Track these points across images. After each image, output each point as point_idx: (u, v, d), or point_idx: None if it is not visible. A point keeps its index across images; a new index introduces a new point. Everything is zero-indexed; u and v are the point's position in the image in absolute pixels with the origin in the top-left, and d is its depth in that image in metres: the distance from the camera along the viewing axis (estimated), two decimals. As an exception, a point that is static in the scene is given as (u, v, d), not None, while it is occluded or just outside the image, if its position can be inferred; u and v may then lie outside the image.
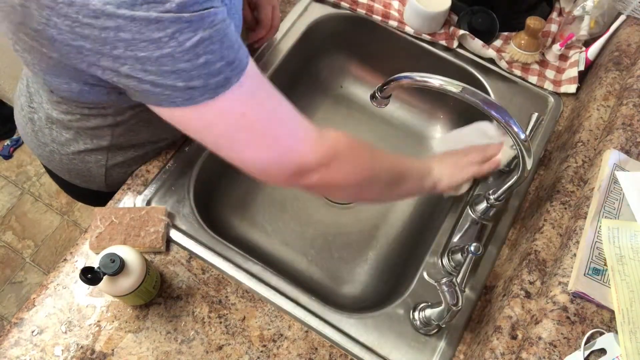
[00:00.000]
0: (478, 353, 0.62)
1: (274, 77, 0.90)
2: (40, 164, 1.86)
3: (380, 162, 0.63)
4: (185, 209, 0.75)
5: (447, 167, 0.73)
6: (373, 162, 0.61)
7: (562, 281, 0.58)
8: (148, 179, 0.77)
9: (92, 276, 0.57)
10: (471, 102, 0.57)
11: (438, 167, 0.72)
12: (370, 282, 0.87)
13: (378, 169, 0.61)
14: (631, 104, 0.73)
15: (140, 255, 0.62)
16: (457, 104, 1.00)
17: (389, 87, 0.63)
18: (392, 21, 0.95)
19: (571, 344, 0.54)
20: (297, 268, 0.87)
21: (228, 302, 0.69)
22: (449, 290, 0.58)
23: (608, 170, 0.65)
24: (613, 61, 0.84)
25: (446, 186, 0.72)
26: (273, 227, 0.90)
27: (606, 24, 0.91)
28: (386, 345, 0.67)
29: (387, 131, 1.02)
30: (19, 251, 1.74)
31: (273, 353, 0.66)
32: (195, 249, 0.72)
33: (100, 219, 0.71)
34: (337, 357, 0.67)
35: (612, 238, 0.59)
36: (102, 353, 0.65)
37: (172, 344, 0.66)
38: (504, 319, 0.61)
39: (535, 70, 0.92)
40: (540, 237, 0.66)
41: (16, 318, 0.66)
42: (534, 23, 0.86)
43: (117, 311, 0.68)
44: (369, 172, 0.60)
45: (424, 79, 0.58)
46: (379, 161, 0.62)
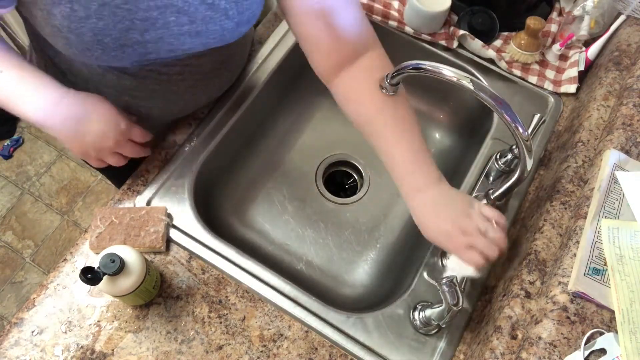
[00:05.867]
0: (478, 353, 0.62)
1: (274, 78, 0.90)
2: (41, 164, 1.87)
3: None
4: (185, 209, 0.75)
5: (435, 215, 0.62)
6: None
7: (562, 281, 0.58)
8: (148, 179, 0.77)
9: (92, 276, 0.57)
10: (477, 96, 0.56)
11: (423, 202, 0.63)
12: (370, 282, 0.87)
13: None
14: (631, 104, 0.73)
15: (140, 255, 0.62)
16: (458, 105, 1.00)
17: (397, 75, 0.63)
18: (392, 21, 0.95)
19: (571, 344, 0.54)
20: (297, 268, 0.87)
21: (228, 302, 0.69)
22: (450, 290, 0.58)
23: (608, 170, 0.65)
24: (613, 61, 0.84)
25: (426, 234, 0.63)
26: (273, 227, 0.90)
27: (606, 24, 0.91)
28: (386, 345, 0.67)
29: (387, 131, 1.02)
30: (19, 251, 1.74)
31: (273, 353, 0.66)
32: (195, 249, 0.72)
33: (100, 219, 0.71)
34: (337, 357, 0.67)
35: (612, 238, 0.59)
36: (102, 353, 0.65)
37: (172, 344, 0.66)
38: (504, 319, 0.61)
39: (535, 70, 0.92)
40: (540, 237, 0.66)
41: (16, 318, 0.66)
42: (534, 23, 0.86)
43: (117, 311, 0.68)
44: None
45: (434, 67, 0.58)
46: None
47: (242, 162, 0.94)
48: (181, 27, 0.58)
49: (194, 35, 0.60)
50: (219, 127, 0.83)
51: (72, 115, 0.63)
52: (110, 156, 0.70)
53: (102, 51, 0.57)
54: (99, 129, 0.66)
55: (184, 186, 0.77)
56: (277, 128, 0.99)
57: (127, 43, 0.57)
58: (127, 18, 0.54)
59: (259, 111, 0.92)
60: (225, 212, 0.90)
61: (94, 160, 0.70)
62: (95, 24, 0.53)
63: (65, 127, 0.64)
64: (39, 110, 0.61)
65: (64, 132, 0.64)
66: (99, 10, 0.52)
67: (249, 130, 0.93)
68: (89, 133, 0.65)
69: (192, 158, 0.80)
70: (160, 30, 0.57)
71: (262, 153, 0.96)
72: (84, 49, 0.56)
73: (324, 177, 0.96)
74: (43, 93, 0.61)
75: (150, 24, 0.56)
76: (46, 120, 0.62)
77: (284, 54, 0.92)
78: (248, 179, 0.94)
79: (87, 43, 0.55)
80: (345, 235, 0.90)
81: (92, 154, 0.68)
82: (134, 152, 0.72)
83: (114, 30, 0.55)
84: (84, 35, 0.54)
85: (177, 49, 0.61)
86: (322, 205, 0.93)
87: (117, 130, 0.67)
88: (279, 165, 0.96)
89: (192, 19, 0.57)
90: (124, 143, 0.69)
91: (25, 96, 0.61)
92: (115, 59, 0.59)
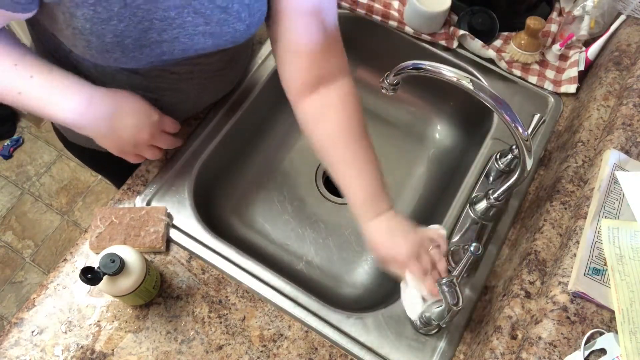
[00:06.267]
0: (478, 353, 0.62)
1: (273, 77, 0.90)
2: (41, 164, 1.87)
3: None
4: (185, 209, 0.75)
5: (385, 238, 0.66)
6: None
7: (562, 281, 0.58)
8: (148, 179, 0.77)
9: (92, 276, 0.57)
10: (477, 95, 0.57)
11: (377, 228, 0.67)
12: (370, 282, 0.87)
13: None
14: (631, 104, 0.73)
15: (140, 255, 0.62)
16: (458, 105, 1.00)
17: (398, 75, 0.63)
18: (392, 21, 0.95)
19: (571, 344, 0.54)
20: (297, 268, 0.87)
21: (228, 302, 0.69)
22: (450, 290, 0.58)
23: (608, 170, 0.65)
24: (613, 61, 0.84)
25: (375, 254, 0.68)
26: (273, 227, 0.90)
27: (606, 24, 0.91)
28: (386, 345, 0.67)
29: (387, 131, 1.02)
30: (19, 251, 1.74)
31: (273, 353, 0.66)
32: (195, 249, 0.72)
33: (100, 219, 0.71)
34: (337, 357, 0.67)
35: (612, 238, 0.59)
36: (102, 353, 0.65)
37: (172, 344, 0.66)
38: (504, 319, 0.61)
39: (535, 70, 0.92)
40: (540, 237, 0.66)
41: (16, 318, 0.66)
42: (534, 23, 0.86)
43: (117, 311, 0.68)
44: None
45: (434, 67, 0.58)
46: None
47: (242, 162, 0.94)
48: (196, 28, 0.59)
49: (208, 36, 0.61)
50: (219, 127, 0.83)
51: (105, 113, 0.64)
52: (147, 149, 0.70)
53: (122, 53, 0.57)
54: (133, 122, 0.66)
55: (184, 186, 0.77)
56: (277, 128, 0.99)
57: (145, 44, 0.58)
58: (147, 18, 0.55)
59: (259, 111, 0.92)
60: (225, 212, 0.90)
61: (131, 156, 0.70)
62: (116, 25, 0.54)
63: (100, 125, 0.64)
64: (71, 111, 0.61)
65: (99, 131, 0.65)
66: (120, 12, 0.53)
67: (249, 130, 0.93)
68: (124, 128, 0.65)
69: (192, 158, 0.80)
70: (176, 30, 0.58)
71: (262, 153, 0.96)
72: (103, 51, 0.57)
73: (324, 177, 0.96)
74: (73, 94, 0.62)
75: (168, 24, 0.57)
76: (80, 121, 0.63)
77: (284, 54, 0.92)
78: (248, 179, 0.94)
79: (108, 45, 0.56)
80: (345, 235, 0.90)
81: (130, 150, 0.68)
82: (169, 143, 0.72)
83: (134, 31, 0.55)
84: (105, 36, 0.55)
85: (189, 48, 0.61)
86: (322, 205, 0.93)
87: (150, 122, 0.67)
88: (279, 165, 0.96)
89: (208, 21, 0.59)
90: (158, 135, 0.70)
91: (57, 99, 0.61)
92: (133, 60, 0.60)
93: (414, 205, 0.94)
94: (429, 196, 0.94)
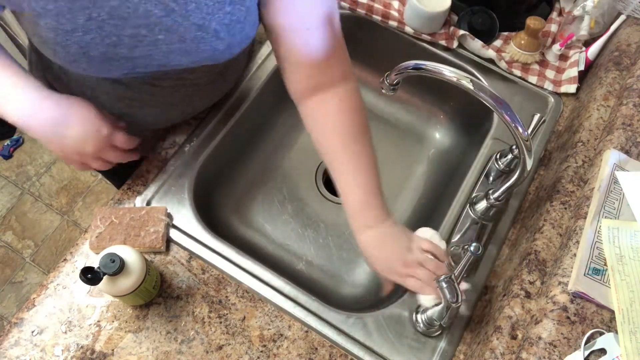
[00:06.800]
0: (478, 353, 0.62)
1: (273, 78, 0.90)
2: (41, 164, 1.87)
3: None
4: (185, 209, 0.75)
5: (382, 250, 0.67)
6: None
7: (562, 281, 0.58)
8: (148, 179, 0.77)
9: (92, 276, 0.57)
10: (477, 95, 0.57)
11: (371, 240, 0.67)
12: (370, 282, 0.87)
13: None
14: (631, 104, 0.73)
15: (140, 255, 0.62)
16: (458, 105, 1.00)
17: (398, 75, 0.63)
18: (392, 21, 0.95)
19: (571, 344, 0.54)
20: (297, 268, 0.87)
21: (228, 302, 0.69)
22: (448, 287, 0.57)
23: (608, 170, 0.65)
24: (613, 61, 0.84)
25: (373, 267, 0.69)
26: (273, 227, 0.90)
27: (606, 24, 0.91)
28: (386, 345, 0.67)
29: (387, 131, 1.02)
30: (19, 251, 1.74)
31: (273, 353, 0.66)
32: (195, 249, 0.72)
33: (100, 219, 0.71)
34: (337, 357, 0.67)
35: (612, 238, 0.59)
36: (102, 353, 0.65)
37: (172, 344, 0.66)
38: (504, 319, 0.61)
39: (535, 70, 0.92)
40: (540, 237, 0.66)
41: (16, 318, 0.66)
42: (534, 23, 0.86)
43: (117, 311, 0.68)
44: None
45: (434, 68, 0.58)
46: None
47: (242, 162, 0.94)
48: (170, 46, 0.57)
49: (184, 54, 0.59)
50: (219, 127, 0.83)
51: (51, 118, 0.63)
52: (93, 161, 0.68)
53: (88, 63, 0.57)
54: (78, 133, 0.64)
55: (184, 186, 0.77)
56: (277, 128, 0.99)
57: (114, 57, 0.57)
58: (114, 34, 0.54)
59: (259, 111, 0.92)
60: (225, 212, 0.90)
61: (77, 164, 0.69)
62: (81, 37, 0.53)
63: (45, 129, 0.63)
64: (20, 110, 0.61)
65: (44, 134, 0.64)
66: (86, 24, 0.52)
67: (249, 130, 0.93)
68: (69, 137, 0.64)
69: (192, 158, 0.80)
70: (148, 47, 0.57)
71: (262, 153, 0.96)
72: (70, 61, 0.56)
73: (324, 177, 0.96)
74: (25, 94, 0.61)
75: (138, 41, 0.55)
76: (26, 121, 0.62)
77: (284, 54, 0.92)
78: (248, 179, 0.94)
79: (74, 55, 0.55)
80: (345, 235, 0.90)
81: (75, 158, 0.67)
82: (118, 158, 0.70)
83: (101, 44, 0.54)
84: (69, 47, 0.54)
85: (166, 64, 0.60)
86: (322, 205, 0.93)
87: (97, 136, 0.65)
88: (279, 165, 0.96)
89: (182, 38, 0.57)
90: (106, 149, 0.68)
91: (9, 96, 0.61)
92: (103, 71, 0.59)
93: (414, 205, 0.94)
94: (429, 196, 0.94)
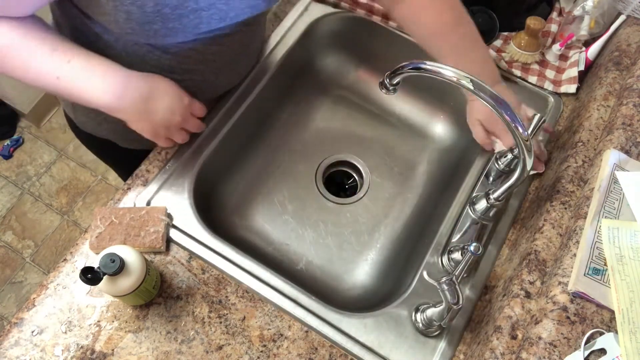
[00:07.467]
0: (478, 353, 0.62)
1: (273, 78, 0.90)
2: (41, 164, 1.87)
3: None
4: (185, 209, 0.75)
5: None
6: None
7: (562, 281, 0.58)
8: (148, 179, 0.77)
9: (92, 276, 0.57)
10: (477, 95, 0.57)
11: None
12: (370, 282, 0.87)
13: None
14: (631, 104, 0.73)
15: (140, 255, 0.62)
16: (458, 105, 1.00)
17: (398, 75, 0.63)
18: (392, 21, 0.95)
19: (571, 344, 0.54)
20: (297, 268, 0.87)
21: (228, 302, 0.69)
22: (449, 288, 0.57)
23: (608, 170, 0.65)
24: (613, 61, 0.84)
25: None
26: (273, 226, 0.90)
27: (606, 24, 0.91)
28: (386, 345, 0.67)
29: (387, 132, 1.02)
30: (19, 251, 1.74)
31: (273, 353, 0.66)
32: (195, 249, 0.72)
33: (100, 219, 0.71)
34: (337, 357, 0.67)
35: (612, 238, 0.59)
36: (102, 353, 0.65)
37: (172, 344, 0.66)
38: (504, 319, 0.61)
39: (535, 70, 0.92)
40: (540, 237, 0.67)
41: (16, 318, 0.66)
42: (534, 23, 0.86)
43: (117, 311, 0.68)
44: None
45: (434, 67, 0.58)
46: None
47: (242, 162, 0.94)
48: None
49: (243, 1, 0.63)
50: (219, 127, 0.83)
51: (141, 95, 0.65)
52: (178, 133, 0.73)
53: (162, 23, 0.58)
54: (166, 105, 0.68)
55: (184, 186, 0.77)
56: (277, 128, 0.99)
57: (184, 13, 0.58)
58: None
59: (259, 111, 0.92)
60: (225, 212, 0.90)
61: (162, 140, 0.72)
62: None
63: (136, 108, 0.66)
64: (108, 94, 0.63)
65: (135, 113, 0.66)
66: None
67: (249, 130, 0.93)
68: (158, 110, 0.67)
69: (192, 158, 0.80)
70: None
71: (262, 153, 0.96)
72: (144, 22, 0.58)
73: (324, 177, 0.96)
74: (111, 78, 0.63)
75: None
76: (117, 104, 0.64)
77: (283, 54, 0.92)
78: (248, 179, 0.94)
79: (149, 15, 0.57)
80: (345, 235, 0.90)
81: (162, 132, 0.71)
82: (197, 127, 0.76)
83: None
84: (145, 5, 0.55)
85: (226, 16, 0.63)
86: (322, 205, 0.93)
87: (182, 105, 0.70)
88: (279, 165, 0.96)
89: None
90: (188, 118, 0.73)
91: (95, 83, 0.62)
92: (172, 32, 0.61)
93: (414, 205, 0.94)
94: (429, 196, 0.94)
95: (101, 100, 0.63)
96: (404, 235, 0.91)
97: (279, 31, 0.94)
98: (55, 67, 0.61)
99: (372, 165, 0.97)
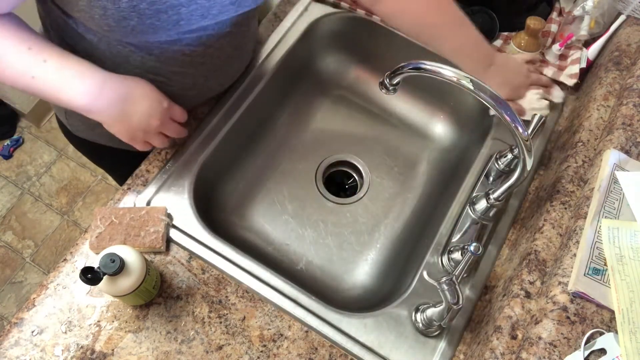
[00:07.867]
0: (478, 353, 0.62)
1: (273, 78, 0.90)
2: (41, 164, 1.87)
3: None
4: (185, 209, 0.75)
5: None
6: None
7: (562, 281, 0.58)
8: (148, 179, 0.77)
9: (92, 276, 0.57)
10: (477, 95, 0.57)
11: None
12: (370, 282, 0.87)
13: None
14: (631, 104, 0.73)
15: (140, 255, 0.62)
16: (458, 105, 1.00)
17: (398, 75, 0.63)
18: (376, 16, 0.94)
19: (571, 344, 0.54)
20: (297, 268, 0.87)
21: (228, 302, 0.69)
22: (449, 288, 0.57)
23: (608, 170, 0.65)
24: (613, 61, 0.84)
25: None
26: (273, 227, 0.90)
27: (606, 24, 0.91)
28: (386, 345, 0.67)
29: (387, 132, 1.02)
30: (19, 251, 1.74)
31: (273, 353, 0.66)
32: (195, 249, 0.72)
33: (100, 219, 0.71)
34: (337, 357, 0.67)
35: (612, 238, 0.59)
36: (102, 353, 0.65)
37: (172, 344, 0.66)
38: (504, 319, 0.61)
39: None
40: (540, 237, 0.67)
41: (16, 318, 0.66)
42: (534, 23, 0.86)
43: (117, 311, 0.68)
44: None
45: (434, 67, 0.58)
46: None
47: (242, 162, 0.94)
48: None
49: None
50: (219, 127, 0.83)
51: (117, 97, 0.64)
52: (156, 137, 0.71)
53: (139, 19, 0.57)
54: (144, 108, 0.66)
55: (184, 186, 0.77)
56: (277, 128, 0.99)
57: (161, 8, 0.57)
58: None
59: (259, 111, 0.92)
60: (225, 212, 0.90)
61: (140, 143, 0.71)
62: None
63: (112, 110, 0.64)
64: (85, 95, 0.62)
65: (111, 115, 0.65)
66: None
67: (249, 130, 0.93)
68: (135, 113, 0.66)
69: (192, 158, 0.80)
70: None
71: (262, 153, 0.96)
72: (120, 19, 0.56)
73: (324, 177, 0.96)
74: (87, 78, 0.62)
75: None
76: (93, 105, 0.63)
77: (283, 54, 0.92)
78: (248, 179, 0.94)
79: (124, 10, 0.55)
80: (345, 235, 0.90)
81: (139, 136, 0.69)
82: (177, 132, 0.73)
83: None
84: (120, 1, 0.54)
85: (207, 13, 0.61)
86: (322, 205, 0.93)
87: (161, 109, 0.68)
88: (279, 165, 0.96)
89: None
90: (167, 122, 0.71)
91: (71, 83, 0.61)
92: (151, 29, 0.59)
93: (414, 205, 0.94)
94: (429, 196, 0.94)
95: (76, 100, 0.61)
96: (404, 235, 0.91)
97: (279, 31, 0.94)
98: (30, 67, 0.59)
99: (372, 165, 0.97)
